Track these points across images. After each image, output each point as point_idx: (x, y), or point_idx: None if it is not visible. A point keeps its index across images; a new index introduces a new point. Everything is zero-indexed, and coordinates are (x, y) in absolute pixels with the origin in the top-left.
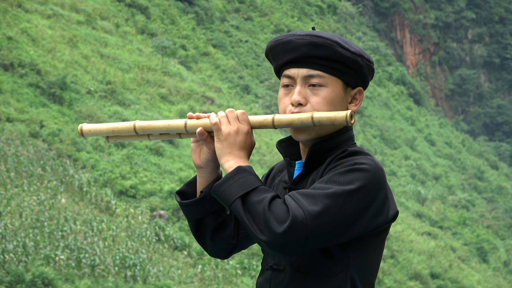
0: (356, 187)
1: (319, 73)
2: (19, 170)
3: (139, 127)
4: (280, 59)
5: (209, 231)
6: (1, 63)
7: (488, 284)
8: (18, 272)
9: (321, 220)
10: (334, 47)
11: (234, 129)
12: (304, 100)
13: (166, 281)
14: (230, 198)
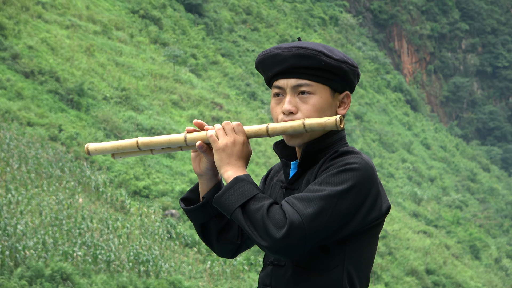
0: (348, 186)
1: (307, 82)
2: (39, 171)
3: (142, 143)
4: (269, 71)
5: (214, 233)
6: (22, 71)
7: (480, 280)
8: (38, 267)
9: (317, 222)
10: (318, 57)
11: (231, 140)
12: (294, 108)
13: (177, 276)
14: (230, 208)
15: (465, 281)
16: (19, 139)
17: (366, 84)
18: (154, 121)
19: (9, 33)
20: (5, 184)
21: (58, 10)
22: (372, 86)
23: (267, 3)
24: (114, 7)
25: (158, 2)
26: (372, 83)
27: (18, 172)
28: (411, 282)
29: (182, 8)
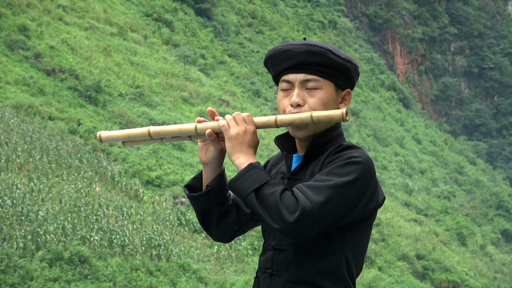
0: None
1: (315, 78)
2: (59, 162)
3: (153, 132)
4: (279, 66)
5: (215, 219)
6: (44, 69)
7: (466, 265)
8: (58, 250)
9: (325, 209)
10: (327, 54)
11: (242, 129)
12: (302, 101)
13: (187, 260)
14: (245, 192)
15: (452, 266)
16: (41, 132)
17: (362, 83)
18: (166, 116)
19: (32, 34)
20: (28, 174)
21: (78, 13)
22: (368, 85)
23: (271, 8)
24: (130, 11)
25: (170, 6)
26: (367, 82)
27: (40, 162)
28: (402, 267)
29: (192, 12)
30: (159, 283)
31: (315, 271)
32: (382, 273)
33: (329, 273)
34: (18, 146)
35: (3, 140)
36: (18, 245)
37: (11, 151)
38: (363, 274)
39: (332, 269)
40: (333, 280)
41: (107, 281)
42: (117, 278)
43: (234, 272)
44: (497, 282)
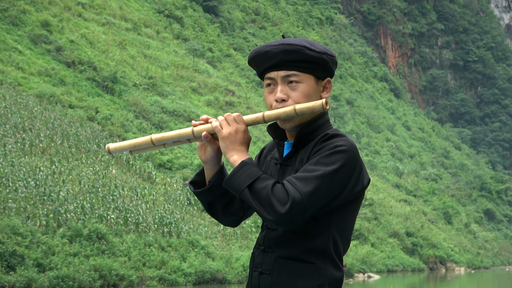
0: (339, 166)
1: (294, 73)
2: (79, 146)
3: (155, 139)
4: (261, 66)
5: (220, 209)
6: (65, 61)
7: (452, 242)
8: (78, 228)
9: (314, 197)
10: (303, 51)
11: (233, 129)
12: (286, 96)
13: (195, 237)
14: (239, 188)
15: (439, 242)
16: (62, 119)
17: (356, 75)
18: (176, 105)
19: (53, 29)
20: (50, 157)
21: (96, 10)
22: (362, 76)
23: (273, 6)
24: (143, 8)
25: (181, 3)
26: (361, 74)
27: (61, 147)
28: (393, 243)
29: (200, 9)
30: (170, 258)
31: (304, 249)
32: (374, 249)
33: (317, 251)
34: (41, 132)
35: (27, 126)
36: (41, 222)
37: (35, 136)
38: (357, 250)
39: (320, 247)
40: (321, 257)
41: (123, 256)
42: (132, 253)
43: (239, 247)
44: (480, 257)
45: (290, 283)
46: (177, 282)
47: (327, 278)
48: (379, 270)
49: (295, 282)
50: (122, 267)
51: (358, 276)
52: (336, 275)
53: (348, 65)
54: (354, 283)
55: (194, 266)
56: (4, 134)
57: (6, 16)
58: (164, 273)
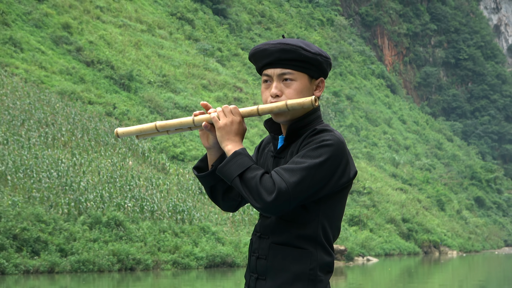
0: (324, 159)
1: (289, 71)
2: (98, 140)
3: (159, 126)
4: (259, 62)
5: (220, 193)
6: (85, 61)
7: (445, 227)
8: (97, 215)
9: (299, 188)
10: (299, 51)
11: (229, 120)
12: (280, 92)
13: (206, 223)
14: (231, 177)
15: (433, 227)
16: (82, 114)
17: (355, 72)
18: (188, 101)
19: (74, 31)
20: (71, 150)
21: (113, 13)
22: (360, 73)
23: (278, 8)
24: (157, 11)
25: (192, 6)
26: (360, 71)
27: (81, 140)
28: (390, 229)
29: (210, 12)
30: (183, 243)
31: (296, 235)
32: (373, 234)
33: (308, 237)
34: (62, 126)
35: (50, 121)
36: (63, 211)
37: (57, 131)
38: (357, 235)
39: (310, 234)
40: (312, 243)
41: (139, 241)
42: (148, 238)
43: (247, 233)
44: (471, 241)
45: (284, 267)
46: (189, 265)
47: (318, 262)
48: (377, 253)
49: (288, 266)
50: (138, 251)
51: (358, 260)
52: (327, 260)
53: (348, 63)
54: (354, 266)
55: (205, 251)
56: (28, 129)
57: (30, 19)
58: (178, 257)
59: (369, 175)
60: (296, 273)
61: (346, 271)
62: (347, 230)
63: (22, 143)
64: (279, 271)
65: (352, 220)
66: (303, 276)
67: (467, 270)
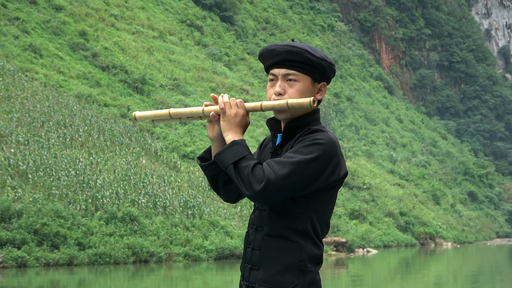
0: (314, 156)
1: (293, 72)
2: (113, 140)
3: (172, 113)
4: (267, 61)
5: (221, 183)
6: (100, 66)
7: (440, 220)
8: (113, 211)
9: (288, 180)
10: (304, 54)
11: (234, 112)
12: (283, 91)
13: (216, 218)
14: (226, 163)
15: (428, 220)
16: (98, 116)
17: (354, 75)
18: (197, 103)
19: (90, 38)
20: (88, 150)
21: (126, 20)
22: (359, 76)
23: (281, 15)
24: (168, 18)
25: (200, 14)
26: (359, 74)
27: (97, 140)
28: (388, 222)
29: (218, 19)
30: (194, 236)
31: (287, 228)
32: (372, 227)
33: (298, 230)
34: (80, 127)
35: (68, 123)
36: (80, 207)
37: (75, 131)
38: (357, 228)
39: (300, 227)
40: (302, 236)
41: (152, 235)
42: (160, 232)
43: None
44: (464, 233)
45: (276, 258)
46: (200, 257)
47: (307, 254)
48: (377, 245)
49: (280, 258)
50: (152, 245)
51: (358, 251)
52: (316, 252)
53: (348, 66)
54: (355, 257)
55: (214, 244)
56: (48, 130)
57: (48, 26)
58: (189, 250)
59: (368, 172)
60: (287, 264)
61: (347, 262)
62: (348, 224)
63: (42, 144)
64: (272, 262)
65: (353, 214)
66: (293, 267)
67: (461, 261)
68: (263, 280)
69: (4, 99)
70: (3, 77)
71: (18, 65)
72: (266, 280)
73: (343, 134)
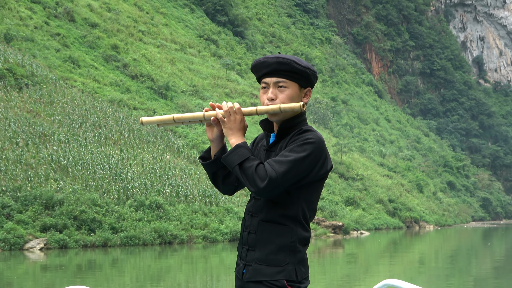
0: (307, 154)
1: (283, 80)
2: (141, 138)
3: (176, 118)
4: (260, 72)
5: (221, 178)
6: (130, 74)
7: (423, 206)
8: (141, 199)
9: (286, 176)
10: (292, 64)
11: (233, 118)
12: (275, 96)
13: (230, 205)
14: (232, 164)
15: (413, 206)
16: (128, 118)
17: (349, 81)
18: None
19: (121, 50)
20: (120, 147)
21: (152, 35)
22: (353, 82)
23: (285, 30)
24: (188, 33)
25: (216, 29)
26: (353, 80)
27: (128, 139)
28: (379, 208)
29: (231, 34)
30: (211, 221)
31: (280, 214)
32: (365, 212)
33: (290, 216)
34: (112, 128)
35: (102, 124)
36: (113, 196)
37: (108, 131)
38: (351, 213)
39: (292, 214)
40: (292, 221)
41: (175, 220)
42: (182, 218)
43: None
44: (445, 217)
45: (270, 240)
46: (216, 239)
47: (297, 236)
48: (369, 228)
49: (273, 239)
50: (175, 228)
51: (353, 233)
52: (304, 235)
53: (343, 74)
54: (350, 239)
55: (229, 227)
56: (85, 130)
57: (85, 41)
58: (207, 233)
59: (361, 164)
60: (280, 245)
61: (343, 243)
62: (344, 209)
63: (80, 142)
64: (266, 244)
65: (348, 201)
66: (285, 248)
67: (442, 241)
68: (259, 259)
69: (48, 104)
70: (46, 85)
71: (59, 75)
72: (261, 259)
73: (339, 132)
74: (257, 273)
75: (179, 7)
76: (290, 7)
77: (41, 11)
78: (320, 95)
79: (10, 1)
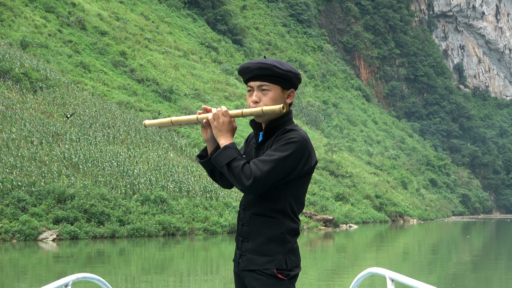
0: (290, 152)
1: (266, 84)
2: (147, 138)
3: (174, 120)
4: (245, 76)
5: (218, 174)
6: (136, 79)
7: (407, 201)
8: (147, 194)
9: (270, 174)
10: (273, 68)
11: (221, 121)
12: (259, 99)
13: (229, 200)
14: (220, 164)
15: (398, 202)
16: (135, 119)
17: (339, 86)
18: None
19: (128, 56)
20: (127, 146)
21: (157, 43)
22: (343, 87)
23: (280, 38)
24: (190, 41)
25: (216, 37)
26: (342, 85)
27: (134, 138)
28: (366, 203)
29: (230, 41)
30: (212, 215)
31: (269, 208)
32: (353, 207)
33: (278, 210)
34: (120, 128)
35: (111, 124)
36: (121, 191)
37: (116, 131)
38: (341, 208)
39: (280, 207)
40: (281, 214)
41: (178, 214)
42: (185, 211)
43: None
44: (427, 212)
45: (261, 231)
46: (216, 231)
47: (286, 228)
48: (357, 222)
49: (264, 231)
50: (178, 221)
51: (342, 226)
52: (293, 226)
53: (333, 79)
54: (340, 231)
55: (228, 220)
56: (95, 130)
57: (95, 48)
58: (207, 225)
59: (350, 163)
60: (270, 236)
61: (334, 235)
62: (334, 204)
63: (90, 141)
64: (257, 235)
65: (338, 196)
66: (275, 239)
67: (424, 233)
68: (252, 249)
69: (60, 105)
70: (59, 88)
71: (71, 78)
72: (254, 249)
73: (330, 133)
74: (250, 262)
75: (183, 16)
76: (285, 17)
77: (54, 20)
78: (312, 98)
79: (26, 10)
